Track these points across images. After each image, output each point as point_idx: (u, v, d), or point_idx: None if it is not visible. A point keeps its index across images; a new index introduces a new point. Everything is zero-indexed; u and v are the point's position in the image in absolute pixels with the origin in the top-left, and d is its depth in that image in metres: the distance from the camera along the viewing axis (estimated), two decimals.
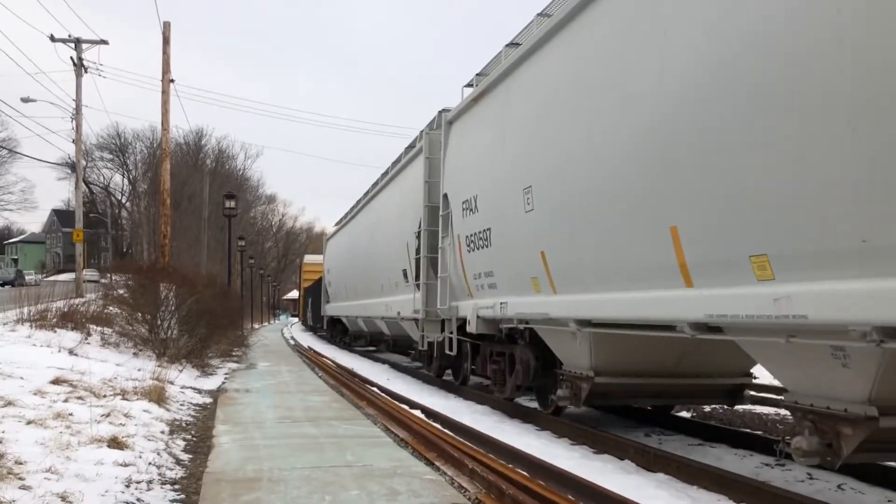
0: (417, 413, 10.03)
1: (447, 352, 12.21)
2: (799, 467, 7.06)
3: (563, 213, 7.57)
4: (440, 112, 12.60)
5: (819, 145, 4.31)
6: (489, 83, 9.78)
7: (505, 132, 9.14)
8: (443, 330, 12.41)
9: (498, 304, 9.44)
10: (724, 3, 5.10)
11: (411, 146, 15.52)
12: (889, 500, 6.00)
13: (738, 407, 9.42)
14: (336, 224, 30.12)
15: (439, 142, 12.29)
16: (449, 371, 14.19)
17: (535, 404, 10.44)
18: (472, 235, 10.26)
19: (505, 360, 10.32)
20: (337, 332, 30.58)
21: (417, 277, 13.42)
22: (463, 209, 10.60)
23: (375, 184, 20.19)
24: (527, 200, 8.27)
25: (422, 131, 13.82)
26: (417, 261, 13.31)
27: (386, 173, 18.43)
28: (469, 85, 11.07)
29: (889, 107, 3.88)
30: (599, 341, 7.70)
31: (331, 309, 29.48)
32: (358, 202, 23.45)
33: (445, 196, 11.58)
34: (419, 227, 13.12)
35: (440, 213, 11.89)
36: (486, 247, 9.71)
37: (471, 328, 10.52)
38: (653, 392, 8.27)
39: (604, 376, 7.86)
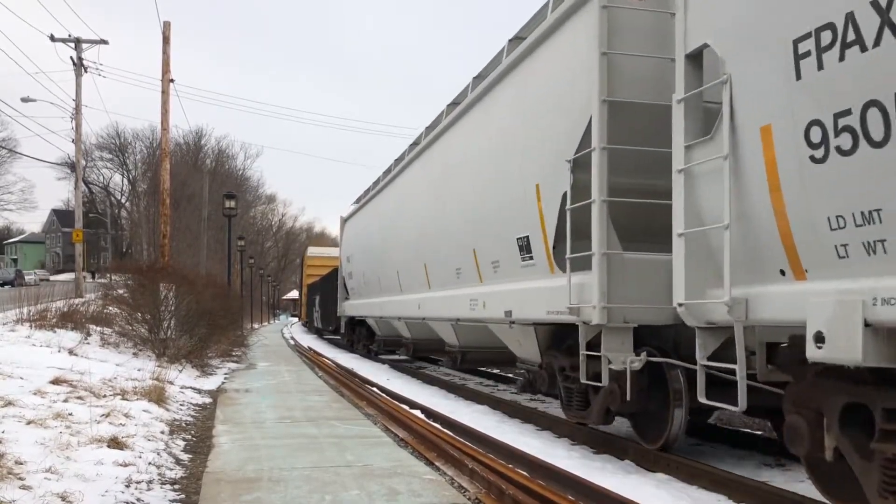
0: (417, 413, 10.03)
1: (696, 399, 5.93)
2: (799, 467, 7.05)
3: None
4: None
5: None
6: None
7: None
8: (640, 346, 7.01)
9: None
10: None
11: (519, 37, 9.44)
12: None
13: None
14: (355, 202, 22.89)
15: None
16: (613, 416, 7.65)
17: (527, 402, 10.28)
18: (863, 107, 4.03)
19: None
20: (359, 336, 23.62)
21: (568, 247, 7.37)
22: (799, 57, 4.45)
23: (434, 125, 13.40)
24: None
25: None
26: (571, 214, 7.36)
27: (456, 103, 12.16)
28: None
29: None
30: None
31: (351, 308, 22.69)
32: (399, 159, 16.53)
33: (700, 53, 5.76)
34: (578, 150, 7.30)
35: (677, 98, 5.89)
36: None
37: (831, 353, 4.31)
38: None
39: None
